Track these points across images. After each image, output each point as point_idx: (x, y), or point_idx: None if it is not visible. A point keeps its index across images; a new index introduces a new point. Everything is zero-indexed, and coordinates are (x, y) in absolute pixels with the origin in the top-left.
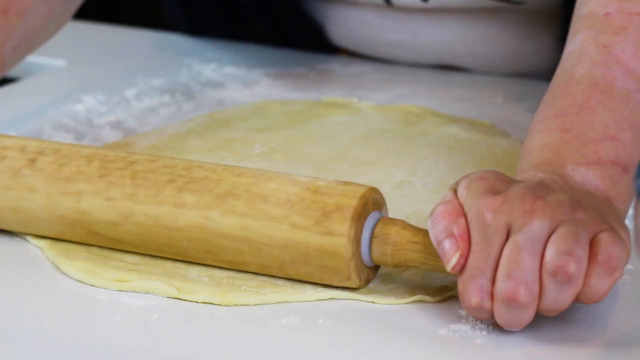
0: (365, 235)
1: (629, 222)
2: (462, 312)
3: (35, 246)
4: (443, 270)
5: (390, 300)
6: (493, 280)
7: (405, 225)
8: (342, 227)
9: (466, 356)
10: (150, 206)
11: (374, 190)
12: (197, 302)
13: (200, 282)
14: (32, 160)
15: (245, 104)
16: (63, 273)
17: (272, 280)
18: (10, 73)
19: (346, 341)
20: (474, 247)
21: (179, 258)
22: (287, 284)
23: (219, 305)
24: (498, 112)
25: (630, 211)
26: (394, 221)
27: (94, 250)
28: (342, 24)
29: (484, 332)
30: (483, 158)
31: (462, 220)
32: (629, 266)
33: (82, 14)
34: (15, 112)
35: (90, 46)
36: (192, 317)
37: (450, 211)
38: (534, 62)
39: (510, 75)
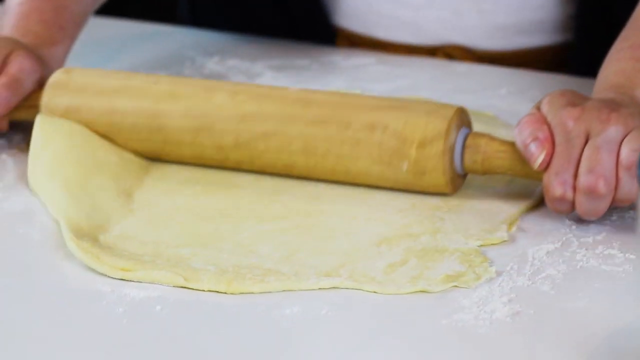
0: (458, 145)
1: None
2: (465, 303)
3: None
4: (527, 174)
5: (392, 290)
6: (575, 176)
7: (492, 137)
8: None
9: (468, 346)
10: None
11: (464, 110)
12: (203, 290)
13: (205, 271)
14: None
15: None
16: (68, 261)
17: (277, 268)
18: None
19: (349, 332)
20: (557, 149)
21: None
22: (291, 271)
23: (224, 293)
24: (501, 104)
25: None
26: (482, 134)
27: (100, 238)
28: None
29: (487, 322)
30: None
31: (545, 127)
32: (631, 256)
33: None
34: None
35: (93, 39)
36: (194, 308)
37: (534, 120)
38: (537, 18)
39: (513, 36)
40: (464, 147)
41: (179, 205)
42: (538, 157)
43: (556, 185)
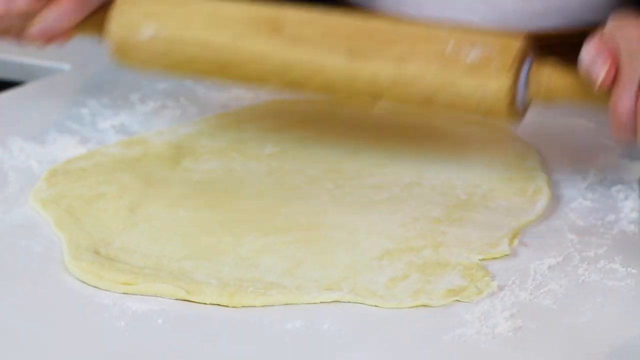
0: (522, 75)
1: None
2: (467, 317)
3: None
4: (591, 97)
5: (394, 304)
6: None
7: (555, 65)
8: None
9: None
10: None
11: (526, 40)
12: (205, 303)
13: (207, 284)
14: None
15: (257, 104)
16: (70, 275)
17: (279, 281)
18: (15, 76)
19: (351, 347)
20: (623, 67)
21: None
22: (293, 285)
23: (226, 306)
24: None
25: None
26: (545, 64)
27: (101, 250)
28: None
29: (489, 337)
30: (492, 159)
31: (608, 47)
32: (632, 270)
33: None
34: (20, 115)
35: (95, 50)
36: (196, 322)
37: (598, 42)
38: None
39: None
40: (527, 76)
41: (180, 219)
42: (599, 74)
43: (625, 100)
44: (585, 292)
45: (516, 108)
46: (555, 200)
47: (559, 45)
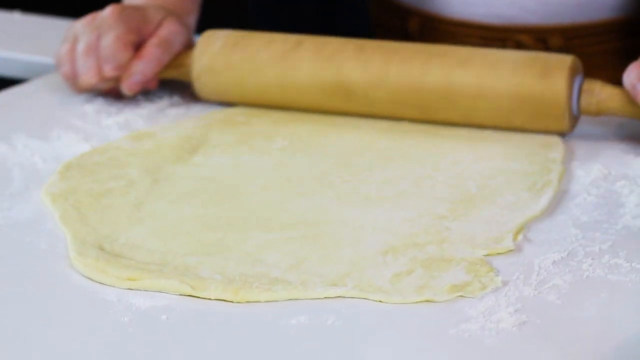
0: (575, 91)
1: None
2: (471, 312)
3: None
4: (638, 114)
5: (398, 299)
6: None
7: (605, 83)
8: (562, 81)
9: (475, 356)
10: (401, 72)
11: (577, 60)
12: (210, 299)
13: (212, 280)
14: (297, 45)
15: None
16: (74, 270)
17: (283, 276)
18: (19, 74)
19: (355, 342)
20: None
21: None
22: (298, 280)
23: (231, 302)
24: None
25: None
26: (595, 80)
27: (106, 246)
28: None
29: (494, 332)
30: (515, 150)
31: None
32: (637, 265)
33: None
34: (24, 112)
35: None
36: (201, 317)
37: (638, 66)
38: None
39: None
40: (580, 91)
41: (185, 215)
42: None
43: None
44: (589, 288)
45: (571, 113)
46: (560, 195)
47: (600, 35)
